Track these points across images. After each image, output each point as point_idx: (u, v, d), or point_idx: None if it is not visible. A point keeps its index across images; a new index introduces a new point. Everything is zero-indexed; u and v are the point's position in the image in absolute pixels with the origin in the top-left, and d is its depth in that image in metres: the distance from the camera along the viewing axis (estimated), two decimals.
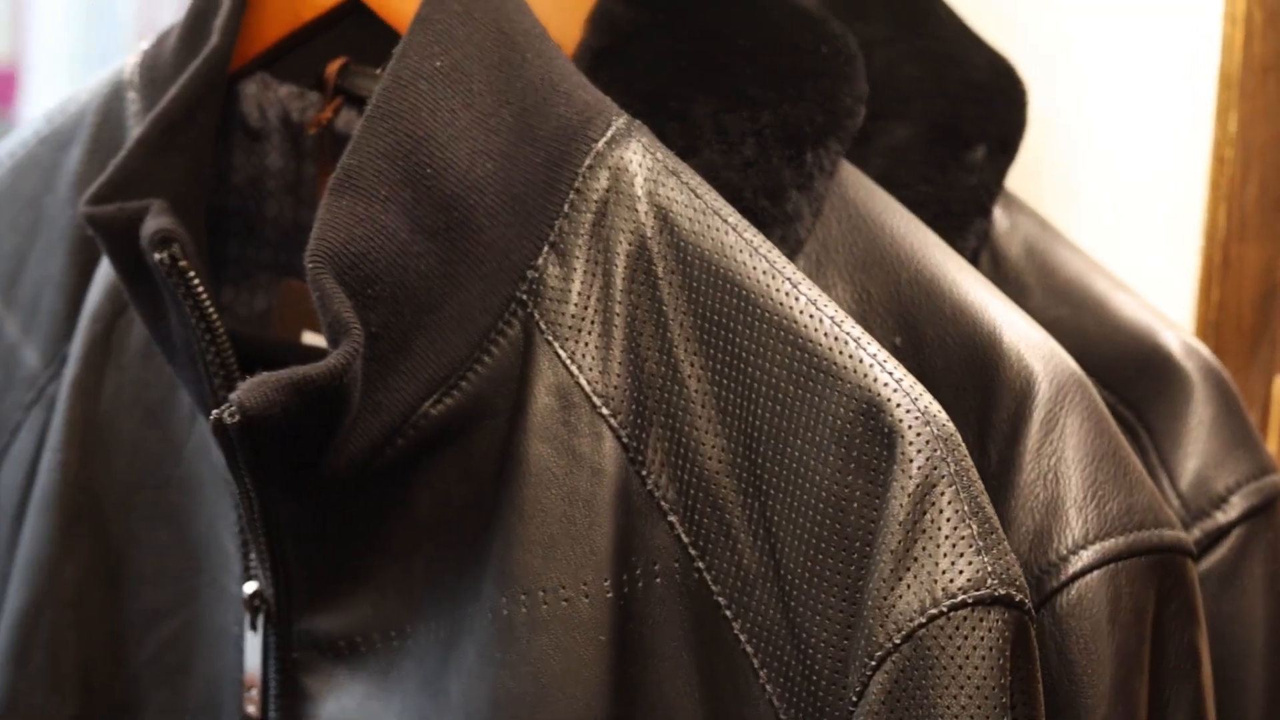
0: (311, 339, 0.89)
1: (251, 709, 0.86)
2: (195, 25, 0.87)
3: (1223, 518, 0.88)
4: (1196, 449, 0.89)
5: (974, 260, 0.91)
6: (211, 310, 0.79)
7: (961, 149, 0.92)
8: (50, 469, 0.91)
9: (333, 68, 0.85)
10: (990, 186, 0.92)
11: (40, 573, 0.90)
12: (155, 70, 0.90)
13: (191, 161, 0.84)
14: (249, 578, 0.85)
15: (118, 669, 0.91)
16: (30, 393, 0.94)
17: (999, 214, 0.94)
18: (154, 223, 0.79)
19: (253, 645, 0.85)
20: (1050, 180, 1.05)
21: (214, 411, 0.76)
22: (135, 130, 0.88)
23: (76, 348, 0.91)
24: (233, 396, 0.75)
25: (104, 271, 0.91)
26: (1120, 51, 1.04)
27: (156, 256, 0.79)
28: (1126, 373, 0.91)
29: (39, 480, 0.91)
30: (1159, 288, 1.02)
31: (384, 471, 0.80)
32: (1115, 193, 1.05)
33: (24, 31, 2.21)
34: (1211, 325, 1.02)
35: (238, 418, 0.75)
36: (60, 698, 0.91)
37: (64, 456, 0.90)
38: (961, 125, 0.92)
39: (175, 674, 0.90)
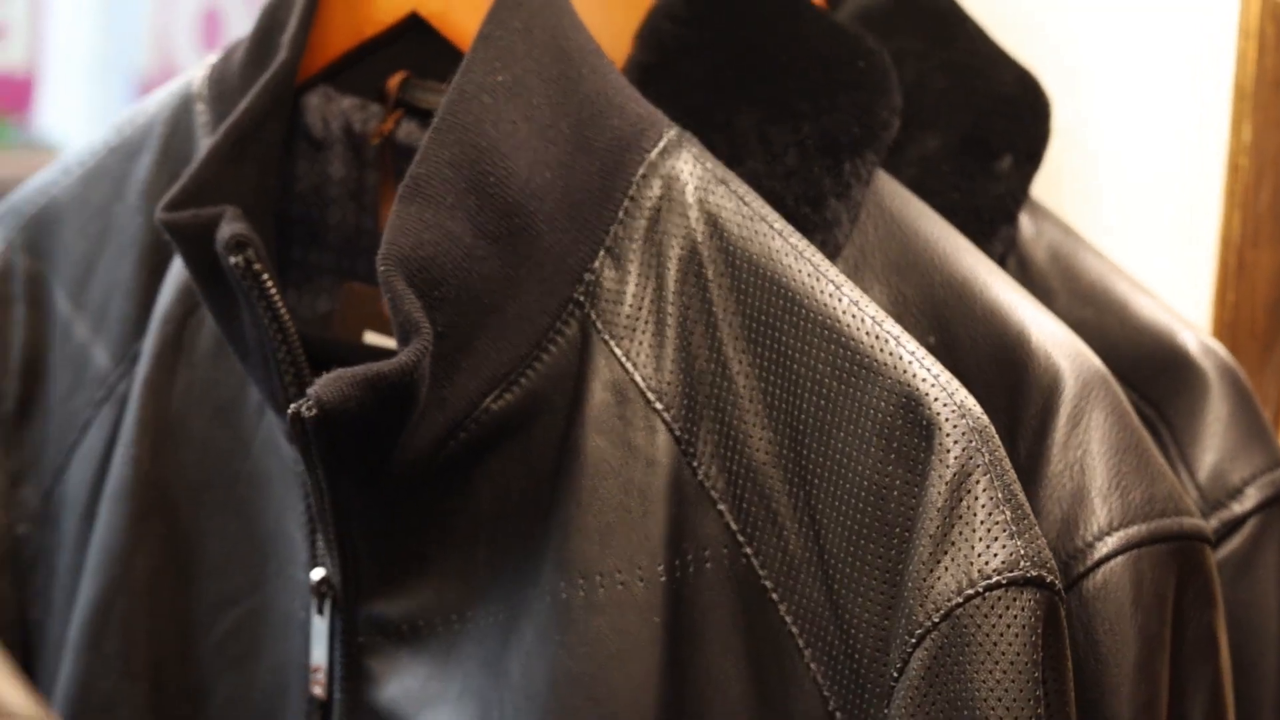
0: (373, 339, 0.90)
1: (318, 690, 0.87)
2: (262, 40, 0.89)
3: (1239, 508, 0.89)
4: (1214, 443, 0.90)
5: (1002, 264, 0.92)
6: (283, 311, 0.81)
7: (989, 159, 0.93)
8: (123, 463, 0.92)
9: (394, 81, 0.87)
10: (1016, 194, 0.93)
11: (112, 563, 0.92)
12: (224, 83, 0.91)
13: (261, 171, 0.85)
14: (315, 565, 0.87)
15: (187, 655, 0.92)
16: (100, 390, 0.95)
17: (1025, 220, 0.94)
18: (229, 228, 0.81)
19: (319, 630, 0.87)
20: (1070, 187, 1.05)
21: (292, 405, 0.77)
22: (206, 141, 0.90)
23: (148, 347, 0.92)
24: (310, 391, 0.76)
25: (174, 275, 0.93)
26: (1137, 63, 1.04)
27: (232, 260, 0.80)
28: (1147, 371, 0.92)
29: (111, 474, 0.93)
30: (1176, 291, 1.03)
31: (448, 464, 0.81)
32: (1133, 200, 1.05)
33: (42, 40, 2.23)
34: (1226, 327, 1.02)
35: (315, 412, 0.76)
36: (132, 683, 0.92)
37: (136, 452, 0.92)
38: (989, 136, 0.93)
39: (243, 659, 0.91)
